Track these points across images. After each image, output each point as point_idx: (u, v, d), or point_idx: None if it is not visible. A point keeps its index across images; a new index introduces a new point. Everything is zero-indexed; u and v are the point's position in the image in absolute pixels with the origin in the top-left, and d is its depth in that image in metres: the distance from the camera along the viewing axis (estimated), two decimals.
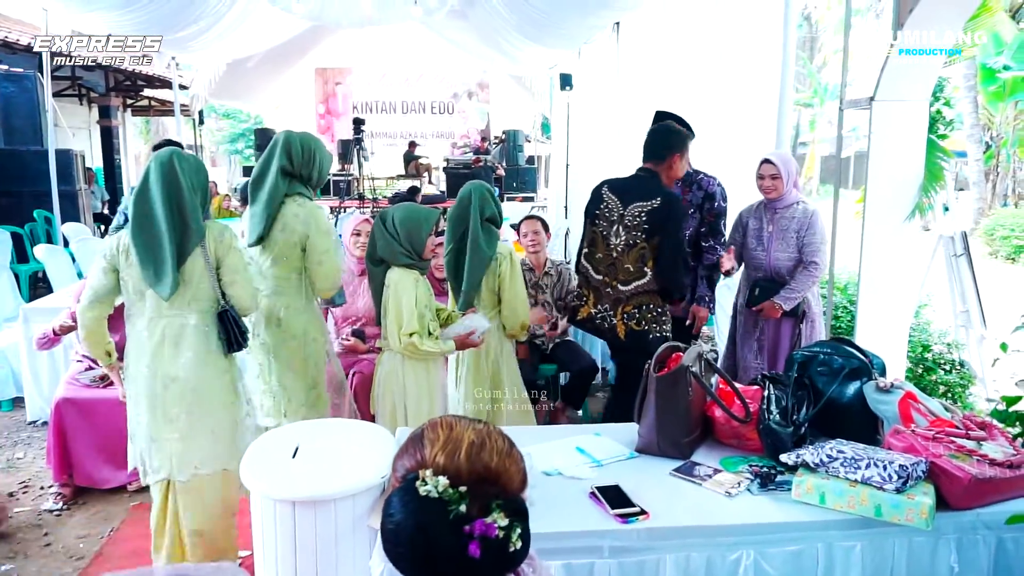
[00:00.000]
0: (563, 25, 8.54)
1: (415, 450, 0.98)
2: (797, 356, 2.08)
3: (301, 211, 2.55)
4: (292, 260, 2.58)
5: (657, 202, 2.73)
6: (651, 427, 1.89)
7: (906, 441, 1.69)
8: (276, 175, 2.53)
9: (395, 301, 2.52)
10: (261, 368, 2.67)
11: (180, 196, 2.15)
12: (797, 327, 3.22)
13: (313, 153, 2.59)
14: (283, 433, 1.93)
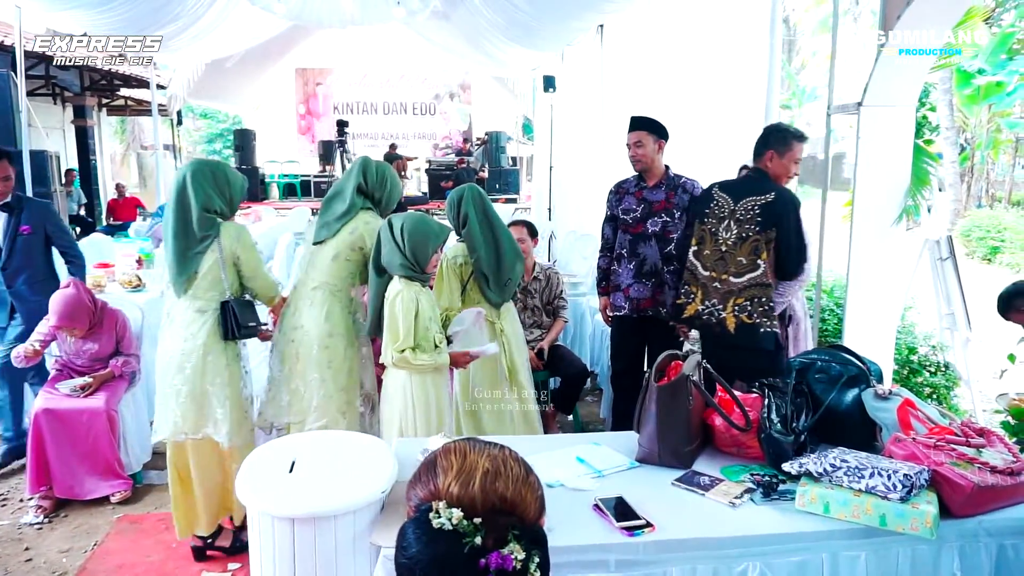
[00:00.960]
0: (547, 27, 8.53)
1: (428, 479, 0.95)
2: (795, 363, 2.08)
3: (374, 222, 2.71)
4: (352, 261, 2.73)
5: (771, 196, 2.72)
6: (652, 437, 1.88)
7: (907, 449, 1.69)
8: (353, 191, 2.77)
9: (391, 315, 2.44)
10: (286, 363, 2.74)
11: (187, 212, 2.57)
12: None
13: (386, 179, 2.83)
14: (279, 446, 1.89)
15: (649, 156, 3.30)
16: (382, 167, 2.85)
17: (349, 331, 2.75)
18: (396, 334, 2.42)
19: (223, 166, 2.77)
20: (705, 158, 4.96)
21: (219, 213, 2.64)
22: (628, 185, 3.44)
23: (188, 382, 2.59)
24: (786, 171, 2.90)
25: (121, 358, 3.32)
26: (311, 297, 2.72)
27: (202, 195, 2.57)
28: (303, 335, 2.70)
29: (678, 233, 3.32)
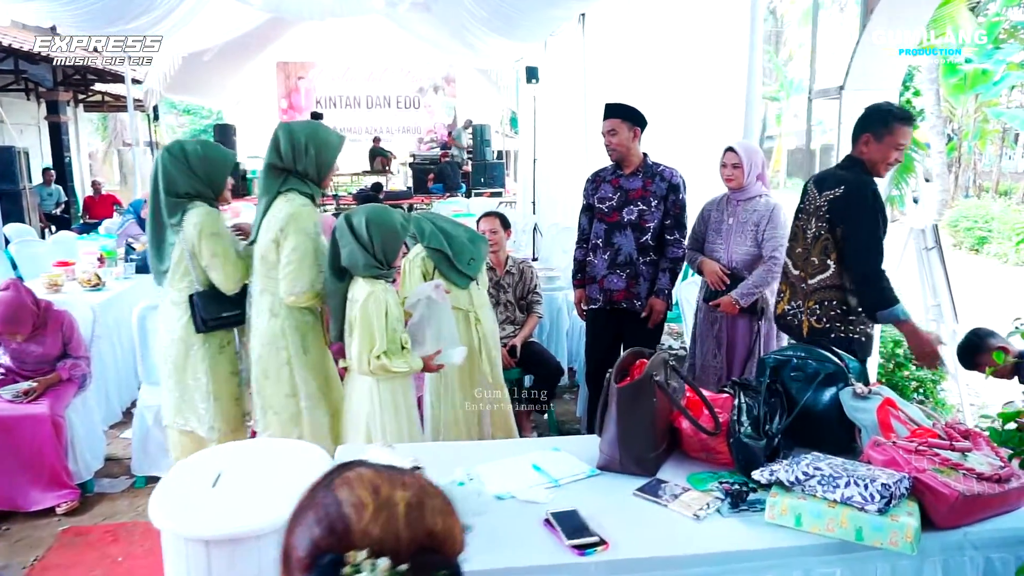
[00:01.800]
0: (528, 16, 8.36)
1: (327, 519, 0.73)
2: (769, 360, 1.94)
3: (286, 207, 2.44)
4: (271, 259, 2.47)
5: (840, 191, 2.45)
6: (613, 442, 1.73)
7: (887, 454, 1.56)
8: (265, 172, 2.49)
9: (364, 319, 2.25)
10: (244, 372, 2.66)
11: (157, 195, 2.51)
12: (755, 324, 3.11)
13: (304, 144, 2.45)
14: (207, 457, 1.73)
15: (624, 144, 3.16)
16: (293, 129, 2.51)
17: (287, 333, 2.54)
18: (372, 339, 2.25)
19: (200, 145, 2.62)
20: (688, 147, 4.83)
21: (194, 196, 2.53)
22: (605, 173, 3.30)
23: (171, 375, 2.61)
24: (884, 158, 2.46)
25: (69, 361, 3.15)
26: (258, 304, 2.56)
27: (166, 178, 2.49)
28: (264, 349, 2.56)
29: (655, 222, 3.18)
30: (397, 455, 1.57)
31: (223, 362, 2.66)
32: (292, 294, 2.43)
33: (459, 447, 2.15)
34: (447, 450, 2.01)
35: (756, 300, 3.04)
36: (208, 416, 2.62)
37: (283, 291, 2.44)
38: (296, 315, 2.53)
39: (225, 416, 2.66)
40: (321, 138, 2.50)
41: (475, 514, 1.52)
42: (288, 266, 2.42)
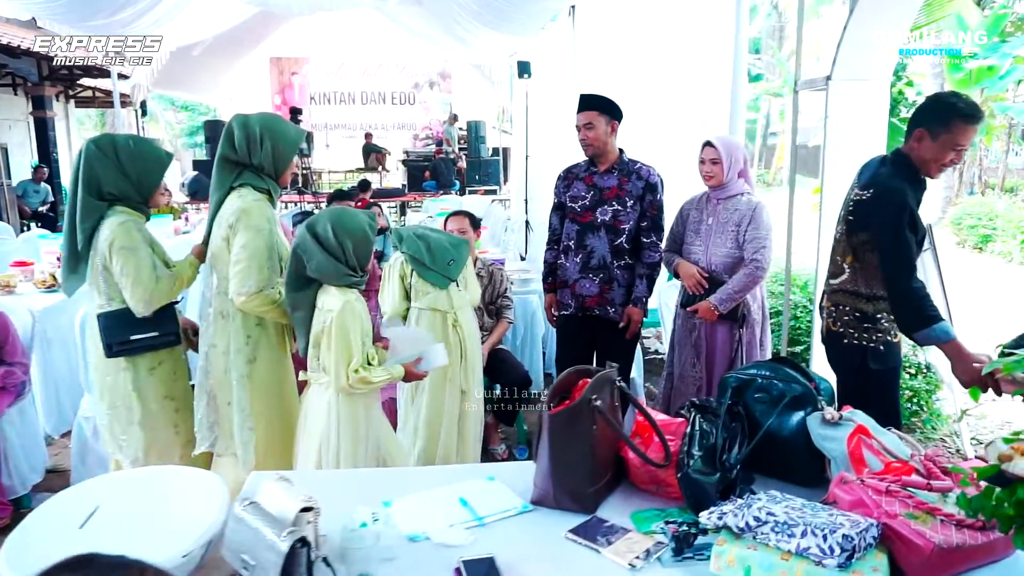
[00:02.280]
0: (518, 8, 8.17)
1: None
2: (730, 380, 1.74)
3: (237, 202, 2.25)
4: (224, 259, 2.27)
5: (868, 194, 2.19)
6: (546, 476, 1.53)
7: (854, 494, 1.35)
8: (218, 165, 2.28)
9: (341, 331, 2.05)
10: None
11: (75, 194, 2.24)
12: (736, 332, 2.89)
13: (259, 136, 2.25)
14: (84, 491, 1.54)
15: (601, 139, 2.94)
16: (248, 120, 2.29)
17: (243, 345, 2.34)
18: (349, 352, 2.05)
19: (133, 140, 2.35)
20: (673, 143, 4.64)
21: (118, 198, 2.27)
22: (578, 170, 3.09)
23: (98, 397, 2.38)
24: (938, 159, 2.13)
25: (3, 368, 2.95)
26: (210, 305, 2.37)
27: (88, 175, 2.22)
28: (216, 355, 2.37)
29: (630, 224, 2.98)
30: (292, 491, 1.37)
31: (153, 385, 2.35)
32: (241, 294, 2.21)
33: (384, 474, 1.95)
34: (368, 479, 1.81)
35: (737, 306, 2.83)
36: (130, 447, 2.34)
37: (232, 291, 2.23)
38: (247, 320, 2.32)
39: (158, 446, 2.37)
40: (277, 130, 2.30)
41: (380, 560, 1.33)
42: (237, 264, 2.21)
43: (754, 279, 2.80)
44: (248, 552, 1.25)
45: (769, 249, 2.84)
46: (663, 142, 4.97)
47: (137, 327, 2.28)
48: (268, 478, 1.47)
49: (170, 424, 2.41)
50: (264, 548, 1.22)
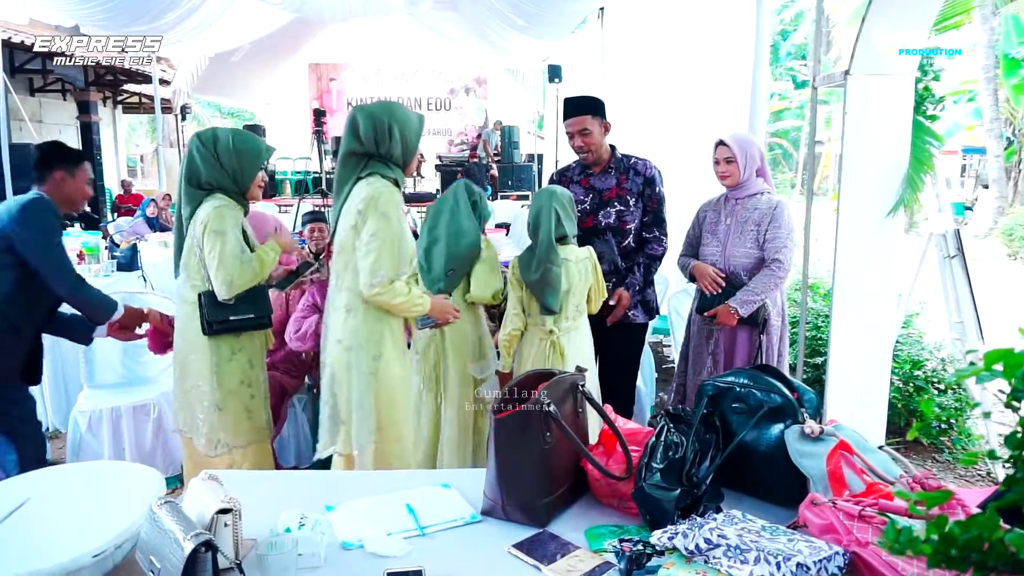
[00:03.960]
0: (549, 11, 8.10)
1: None
2: (707, 387, 1.60)
3: (365, 189, 2.12)
4: (349, 248, 2.15)
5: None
6: (494, 485, 1.42)
7: (825, 517, 1.21)
8: (342, 161, 2.19)
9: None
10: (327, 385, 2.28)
11: (179, 186, 2.38)
12: (756, 338, 2.74)
13: (387, 125, 2.15)
14: (21, 483, 1.49)
15: (597, 143, 2.84)
16: (371, 110, 2.18)
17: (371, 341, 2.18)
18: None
19: (233, 134, 2.40)
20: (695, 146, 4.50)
21: (215, 188, 2.35)
22: (571, 173, 2.98)
23: (176, 378, 2.46)
24: None
25: None
26: (333, 301, 2.25)
27: (190, 167, 2.35)
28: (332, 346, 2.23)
29: (635, 223, 2.86)
30: (215, 491, 1.30)
31: (231, 370, 2.39)
32: (373, 285, 2.08)
33: (335, 477, 1.87)
34: (318, 481, 1.73)
35: (758, 311, 2.67)
36: (206, 428, 2.38)
37: (362, 282, 2.10)
38: (377, 315, 2.17)
39: (230, 430, 2.40)
40: (401, 117, 2.19)
41: (299, 568, 1.24)
42: (368, 255, 2.08)
43: (776, 279, 2.64)
44: (155, 554, 1.17)
45: (791, 249, 2.69)
46: (690, 144, 4.83)
47: (236, 307, 2.34)
48: (200, 476, 1.40)
49: (243, 410, 2.42)
50: (170, 551, 1.14)
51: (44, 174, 2.42)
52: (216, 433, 2.39)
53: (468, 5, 9.77)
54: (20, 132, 9.52)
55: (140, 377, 3.34)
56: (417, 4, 9.62)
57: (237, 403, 2.40)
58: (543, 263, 2.50)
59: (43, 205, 2.33)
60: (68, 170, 2.43)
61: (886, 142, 2.81)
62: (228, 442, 2.41)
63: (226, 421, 2.39)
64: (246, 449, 2.44)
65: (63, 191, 2.43)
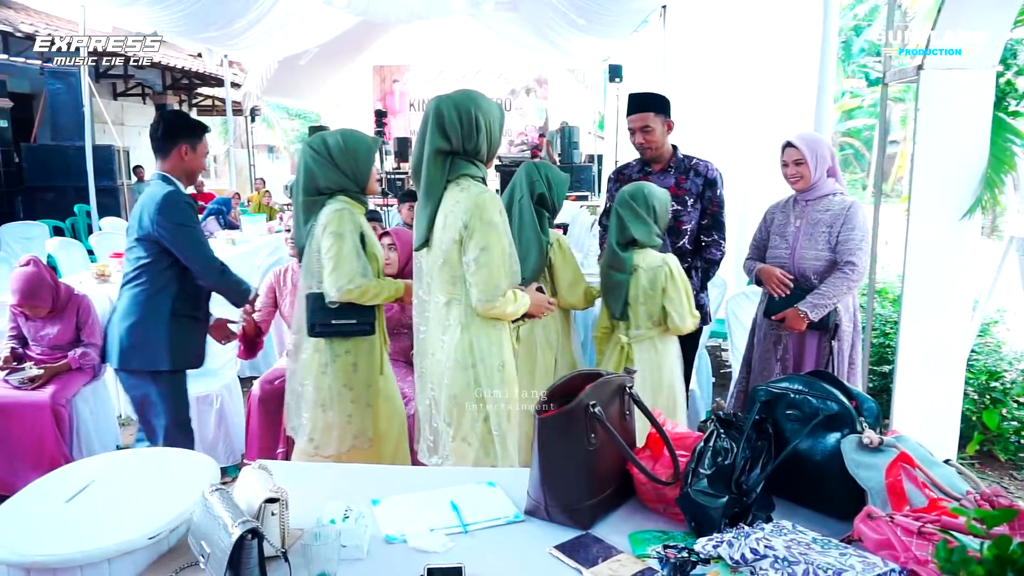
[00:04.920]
0: (611, 11, 8.02)
1: None
2: (760, 393, 1.55)
3: (464, 196, 1.96)
4: (455, 261, 1.99)
5: None
6: (537, 486, 1.41)
7: (881, 532, 1.15)
8: (430, 161, 1.99)
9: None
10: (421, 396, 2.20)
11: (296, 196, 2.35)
12: (827, 344, 2.63)
13: (475, 119, 1.96)
14: (86, 467, 1.56)
15: (659, 141, 2.80)
16: (462, 102, 1.97)
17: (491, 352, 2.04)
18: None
19: (341, 135, 2.34)
20: (766, 143, 4.38)
21: (336, 191, 2.30)
22: (631, 171, 2.95)
23: (288, 380, 2.43)
24: None
25: (80, 349, 3.15)
26: (442, 318, 2.06)
27: (306, 176, 2.30)
28: (434, 365, 2.10)
29: (692, 224, 2.80)
30: (265, 481, 1.33)
31: (335, 372, 2.31)
32: (492, 300, 1.94)
33: (385, 471, 1.88)
34: (367, 475, 1.75)
35: (828, 315, 2.57)
36: (309, 427, 2.33)
37: (476, 299, 1.95)
38: (492, 323, 2.05)
39: (329, 431, 2.32)
40: (486, 108, 2.01)
41: (343, 560, 1.26)
42: (481, 270, 1.93)
43: (849, 283, 2.53)
44: (206, 539, 1.21)
45: (866, 252, 2.58)
46: (755, 144, 4.71)
47: (339, 311, 2.26)
48: (252, 465, 1.44)
49: (343, 413, 2.33)
50: (218, 537, 1.18)
51: (168, 147, 2.45)
52: (316, 434, 2.33)
53: (529, 5, 9.79)
54: (104, 134, 10.06)
55: (205, 369, 3.43)
56: (478, 5, 9.69)
57: (339, 407, 2.32)
58: (606, 269, 2.52)
59: (178, 198, 2.41)
60: (191, 143, 2.49)
61: (963, 140, 2.67)
62: (326, 445, 2.32)
63: (327, 423, 2.31)
64: (350, 456, 2.33)
65: (185, 165, 2.49)
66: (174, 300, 2.47)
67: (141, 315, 2.45)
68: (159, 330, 2.45)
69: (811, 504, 1.47)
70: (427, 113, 2.00)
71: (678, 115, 2.90)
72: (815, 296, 2.55)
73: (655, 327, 2.53)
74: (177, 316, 2.48)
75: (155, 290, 2.45)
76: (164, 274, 2.45)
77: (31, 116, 9.44)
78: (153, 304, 2.45)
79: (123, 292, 2.51)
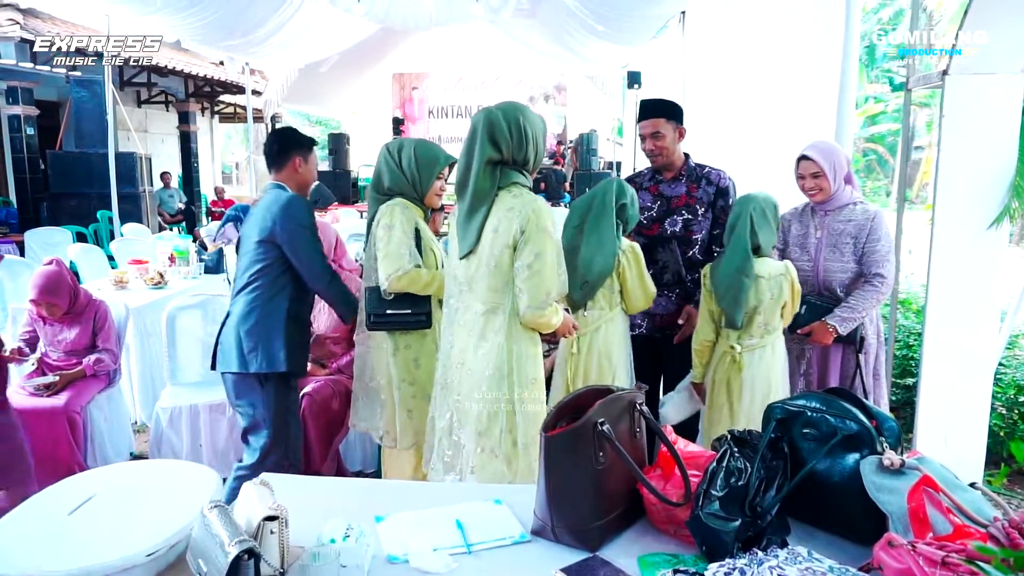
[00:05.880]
0: (629, 17, 7.99)
1: None
2: (775, 411, 1.50)
3: (517, 203, 1.97)
4: (507, 267, 1.98)
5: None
6: (544, 505, 1.37)
7: (902, 561, 1.09)
8: (480, 168, 1.98)
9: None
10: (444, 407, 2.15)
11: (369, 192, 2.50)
12: (853, 357, 2.57)
13: (524, 129, 1.99)
14: (90, 479, 1.55)
15: (670, 148, 2.76)
16: (509, 111, 2.00)
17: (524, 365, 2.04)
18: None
19: (417, 144, 2.48)
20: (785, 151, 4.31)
21: (396, 193, 2.42)
22: (641, 179, 2.91)
23: (357, 376, 2.53)
24: None
25: (95, 355, 3.17)
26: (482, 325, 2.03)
27: (376, 175, 2.48)
28: (465, 375, 2.06)
29: (703, 233, 2.75)
30: (265, 497, 1.31)
31: (396, 366, 2.39)
32: (543, 306, 1.95)
33: (388, 487, 1.85)
34: (370, 489, 1.72)
35: (855, 328, 2.51)
36: (373, 421, 2.46)
37: (525, 305, 1.95)
38: (531, 336, 2.05)
39: (393, 426, 2.41)
40: (532, 119, 2.04)
41: None
42: (533, 277, 1.93)
43: (878, 295, 2.49)
44: (203, 557, 1.19)
45: (892, 263, 2.53)
46: (775, 152, 4.64)
47: (393, 302, 2.34)
48: (253, 481, 1.42)
49: (404, 408, 2.40)
50: (215, 555, 1.15)
51: (283, 161, 2.52)
52: (392, 427, 2.42)
53: (548, 12, 9.79)
54: (128, 141, 10.21)
55: (217, 376, 3.46)
56: (497, 12, 9.70)
57: (401, 400, 2.39)
58: (734, 275, 2.38)
59: (301, 203, 2.47)
60: (304, 155, 2.55)
61: (989, 147, 2.60)
62: (403, 438, 2.40)
63: (391, 417, 2.42)
64: (411, 451, 2.40)
65: (299, 176, 2.54)
66: (290, 303, 2.49)
67: (259, 317, 2.44)
68: (277, 332, 2.45)
69: (829, 528, 1.41)
70: (475, 124, 2.02)
71: (698, 121, 2.87)
72: (844, 309, 2.49)
73: (768, 335, 2.45)
74: (292, 319, 2.49)
75: (272, 293, 2.46)
76: (280, 278, 2.46)
77: (57, 124, 9.61)
78: (271, 307, 2.46)
79: (239, 298, 2.49)
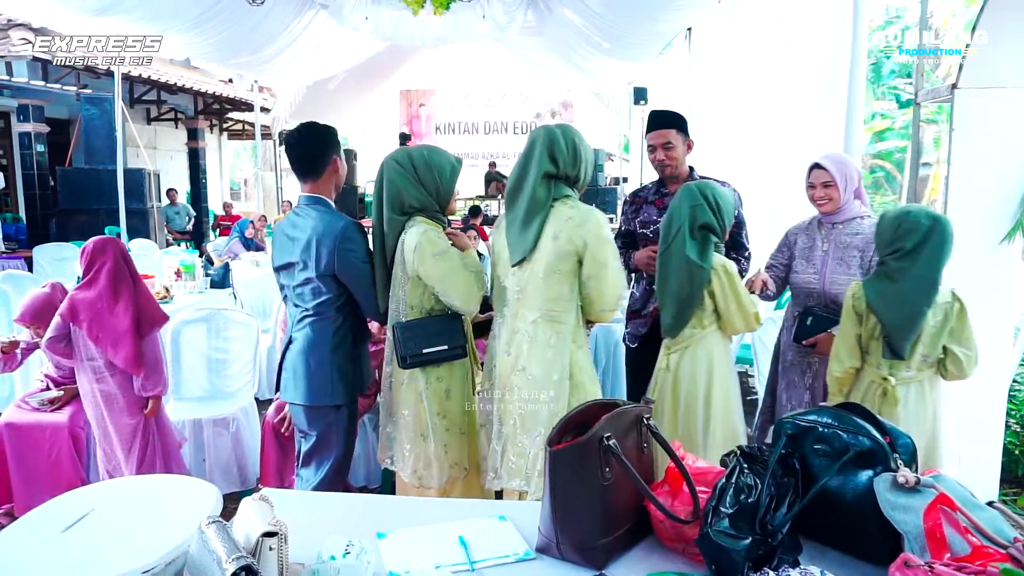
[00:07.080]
0: (635, 34, 8.03)
1: None
2: (786, 426, 1.46)
3: (576, 213, 2.05)
4: (565, 273, 2.06)
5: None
6: (548, 522, 1.34)
7: None
8: (536, 181, 2.06)
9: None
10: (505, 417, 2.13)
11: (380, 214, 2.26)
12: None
13: (578, 149, 2.10)
14: (87, 495, 1.53)
15: (679, 159, 2.75)
16: (568, 132, 2.11)
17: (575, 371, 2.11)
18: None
19: (426, 150, 2.29)
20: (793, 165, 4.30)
21: (418, 210, 2.24)
22: (647, 193, 2.90)
23: (384, 409, 2.37)
24: None
25: None
26: (529, 335, 2.09)
27: (392, 193, 2.22)
28: (524, 380, 2.09)
29: None
30: (264, 513, 1.28)
31: (428, 399, 2.25)
32: (612, 310, 2.12)
33: (392, 502, 1.82)
34: (374, 505, 1.69)
35: None
36: (411, 459, 2.26)
37: (601, 308, 2.08)
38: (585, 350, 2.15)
39: (426, 462, 2.26)
40: (585, 142, 2.14)
41: None
42: (605, 280, 2.05)
43: None
44: (200, 574, 1.16)
45: None
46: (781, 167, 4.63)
47: (429, 340, 2.20)
48: (253, 496, 1.39)
49: (440, 442, 2.26)
50: (212, 572, 1.13)
51: (323, 164, 2.32)
52: (420, 466, 2.26)
53: (554, 29, 9.84)
54: (137, 158, 10.30)
55: (222, 392, 3.46)
56: (504, 30, 9.76)
57: (435, 436, 2.24)
58: (917, 301, 2.12)
59: (357, 235, 2.28)
60: (339, 152, 2.38)
61: (1000, 161, 2.57)
62: (428, 477, 2.25)
63: (427, 455, 2.25)
64: (447, 487, 2.28)
65: (338, 179, 2.37)
66: (357, 330, 2.38)
67: (332, 348, 2.32)
68: (348, 360, 2.35)
69: (841, 547, 1.37)
70: (534, 139, 2.11)
71: (705, 137, 2.86)
72: None
73: (927, 368, 2.20)
74: (359, 343, 2.40)
75: (339, 323, 2.33)
76: (345, 307, 2.33)
77: (67, 141, 9.71)
78: (340, 336, 2.33)
79: (304, 326, 2.34)
